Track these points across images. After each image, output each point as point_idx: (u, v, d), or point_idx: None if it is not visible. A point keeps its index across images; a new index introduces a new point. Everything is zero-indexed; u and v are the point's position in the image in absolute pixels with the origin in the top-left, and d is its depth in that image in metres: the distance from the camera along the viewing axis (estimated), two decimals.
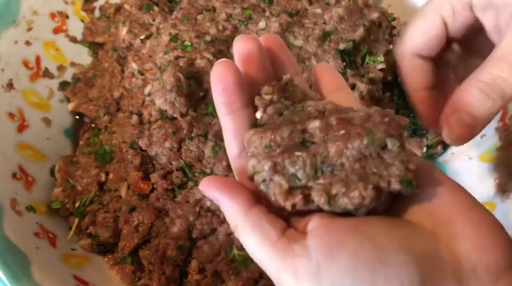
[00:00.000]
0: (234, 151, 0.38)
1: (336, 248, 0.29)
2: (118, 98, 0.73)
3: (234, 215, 0.33)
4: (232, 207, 0.34)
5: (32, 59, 0.72)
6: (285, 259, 0.31)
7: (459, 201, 0.32)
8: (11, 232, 0.55)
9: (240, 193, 0.34)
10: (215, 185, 0.35)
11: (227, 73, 0.36)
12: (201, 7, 0.76)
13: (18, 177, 0.62)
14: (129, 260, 0.60)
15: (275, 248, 0.31)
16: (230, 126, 0.37)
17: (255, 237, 0.32)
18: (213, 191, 0.35)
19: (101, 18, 0.81)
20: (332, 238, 0.30)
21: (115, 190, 0.65)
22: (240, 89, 0.36)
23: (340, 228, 0.30)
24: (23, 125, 0.67)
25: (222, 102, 0.36)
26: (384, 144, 0.32)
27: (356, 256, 0.29)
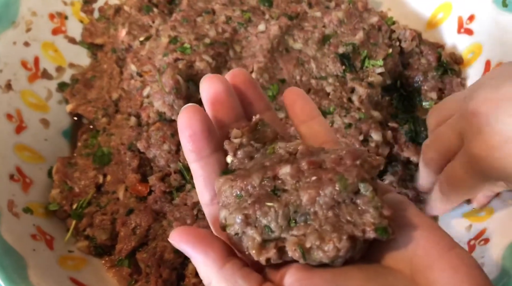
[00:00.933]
0: (206, 198, 0.37)
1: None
2: (117, 100, 0.73)
3: (208, 271, 0.32)
4: (205, 263, 0.32)
5: (31, 60, 0.72)
6: None
7: (437, 243, 0.32)
8: (8, 234, 0.54)
9: (213, 247, 0.33)
10: (186, 238, 0.33)
11: (194, 119, 0.34)
12: (200, 9, 0.76)
13: (15, 179, 0.62)
14: (126, 262, 0.60)
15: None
16: (200, 173, 0.36)
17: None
18: (184, 245, 0.33)
19: (100, 19, 0.81)
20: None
21: (113, 192, 0.65)
22: (207, 134, 0.35)
23: (317, 282, 0.30)
24: (21, 126, 0.67)
25: (190, 150, 0.35)
26: (357, 189, 0.32)
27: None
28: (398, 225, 0.32)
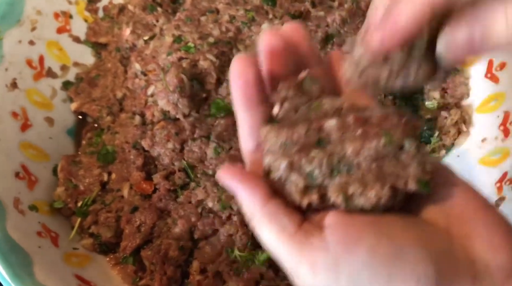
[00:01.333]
0: (249, 146, 0.37)
1: (354, 242, 0.30)
2: (121, 99, 0.73)
3: (252, 206, 0.33)
4: (250, 198, 0.33)
5: (36, 58, 0.72)
6: (303, 252, 0.30)
7: (473, 202, 0.33)
8: (14, 231, 0.55)
9: (258, 185, 0.33)
10: (233, 175, 0.34)
11: (247, 68, 0.36)
12: (204, 8, 0.76)
13: (21, 176, 0.62)
14: (130, 260, 0.61)
15: (293, 240, 0.31)
16: (246, 122, 0.37)
17: (272, 229, 0.32)
18: (231, 180, 0.34)
19: (104, 18, 0.81)
20: (350, 233, 0.30)
21: (118, 190, 0.65)
22: (259, 84, 0.36)
23: (358, 224, 0.31)
24: (26, 125, 0.67)
25: (240, 98, 0.36)
26: (402, 145, 0.32)
27: (374, 251, 0.29)
28: (437, 183, 0.33)
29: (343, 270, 0.29)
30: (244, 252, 0.58)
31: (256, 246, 0.60)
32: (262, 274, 0.58)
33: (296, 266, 0.31)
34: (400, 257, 0.29)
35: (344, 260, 0.29)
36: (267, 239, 0.33)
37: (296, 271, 0.31)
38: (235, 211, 0.59)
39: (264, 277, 0.58)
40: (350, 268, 0.29)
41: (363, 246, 0.29)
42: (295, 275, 0.31)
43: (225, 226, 0.60)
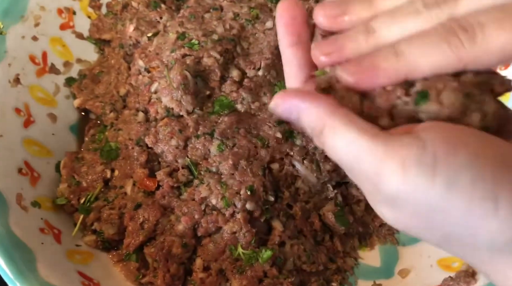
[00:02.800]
0: (298, 81, 0.36)
1: (457, 144, 0.27)
2: (125, 95, 0.73)
3: (319, 117, 0.31)
4: (317, 110, 0.31)
5: (39, 54, 0.72)
6: (390, 147, 0.28)
7: None
8: (17, 227, 0.55)
9: (322, 98, 0.32)
10: (292, 95, 0.33)
11: (295, 6, 0.36)
12: (208, 5, 0.76)
13: (24, 173, 0.62)
14: (133, 257, 0.60)
15: (376, 139, 0.28)
16: (295, 57, 0.36)
17: (349, 131, 0.29)
18: (292, 100, 0.32)
19: (108, 15, 0.81)
20: (453, 136, 0.27)
21: (121, 187, 0.65)
22: (304, 22, 0.36)
23: (461, 129, 0.28)
24: (29, 121, 0.67)
25: (288, 33, 0.36)
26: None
27: (479, 154, 0.27)
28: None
29: (440, 169, 0.26)
30: (248, 250, 0.58)
31: (259, 244, 0.59)
32: (265, 272, 0.58)
33: (380, 165, 0.28)
34: (507, 165, 0.27)
35: (443, 159, 0.26)
36: (342, 144, 0.30)
37: (380, 171, 0.28)
38: (238, 209, 0.59)
39: (268, 275, 0.58)
40: (450, 168, 0.26)
41: (467, 149, 0.27)
42: (378, 178, 0.28)
43: (229, 223, 0.59)
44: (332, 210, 0.64)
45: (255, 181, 0.60)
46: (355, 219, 0.66)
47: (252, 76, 0.68)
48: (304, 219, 0.63)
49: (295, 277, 0.59)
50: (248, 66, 0.69)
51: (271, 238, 0.60)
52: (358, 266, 0.66)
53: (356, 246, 0.68)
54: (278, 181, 0.64)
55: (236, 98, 0.66)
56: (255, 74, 0.68)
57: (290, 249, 0.60)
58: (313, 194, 0.65)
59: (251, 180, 0.60)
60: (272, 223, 0.61)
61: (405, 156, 0.27)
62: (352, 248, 0.67)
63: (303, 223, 0.63)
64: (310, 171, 0.64)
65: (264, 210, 0.61)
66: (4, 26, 0.66)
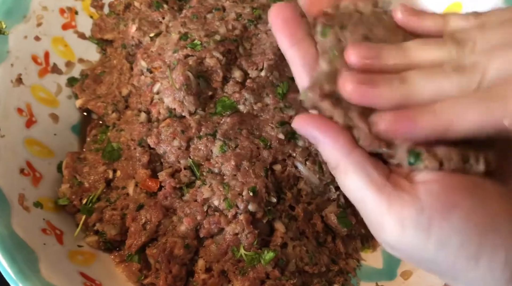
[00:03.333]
0: (305, 79, 0.37)
1: (450, 208, 0.30)
2: (127, 96, 0.73)
3: (335, 154, 0.33)
4: (334, 147, 0.33)
5: (41, 54, 0.72)
6: (392, 205, 0.31)
7: None
8: (19, 228, 0.54)
9: (342, 133, 0.33)
10: (314, 124, 0.34)
11: (285, 8, 0.37)
12: (210, 6, 0.76)
13: (26, 173, 0.62)
14: (135, 258, 0.60)
15: (381, 192, 0.31)
16: (297, 57, 0.37)
17: (359, 179, 0.32)
18: (312, 130, 0.34)
19: (110, 14, 0.81)
20: (447, 198, 0.30)
21: (123, 188, 0.65)
22: (300, 20, 0.37)
23: (456, 188, 0.31)
24: (31, 121, 0.67)
25: (284, 35, 0.37)
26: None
27: (468, 219, 0.30)
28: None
29: (434, 232, 0.30)
30: (250, 251, 0.58)
31: (262, 245, 0.59)
32: (267, 273, 0.58)
33: (382, 218, 0.31)
34: (493, 228, 0.30)
35: (437, 223, 0.30)
36: (351, 188, 0.33)
37: (382, 223, 0.31)
38: (241, 210, 0.59)
39: (270, 277, 0.58)
40: (442, 231, 0.30)
41: (459, 213, 0.30)
42: (380, 227, 0.32)
43: (231, 224, 0.59)
44: (335, 212, 0.64)
45: (258, 182, 0.60)
46: (357, 221, 0.66)
47: (255, 77, 0.68)
48: (306, 220, 0.63)
49: (297, 278, 0.59)
50: (251, 66, 0.69)
51: (273, 240, 0.60)
52: (361, 267, 0.66)
53: (358, 247, 0.68)
54: (281, 182, 0.64)
55: (239, 99, 0.66)
56: (258, 75, 0.68)
57: (293, 250, 0.60)
58: (316, 196, 0.65)
59: (253, 181, 0.60)
60: (275, 225, 0.61)
61: (404, 216, 0.30)
62: (355, 250, 0.67)
63: (306, 225, 0.63)
64: (312, 172, 0.64)
65: (266, 211, 0.60)
66: (6, 26, 0.66)
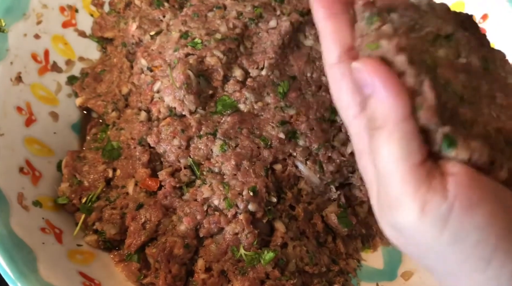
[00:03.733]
0: (333, 56, 0.36)
1: (475, 204, 0.29)
2: (127, 94, 0.73)
3: (389, 112, 0.30)
4: (392, 105, 0.30)
5: (41, 52, 0.72)
6: (419, 188, 0.29)
7: None
8: (18, 227, 0.54)
9: (404, 95, 0.30)
10: (380, 70, 0.31)
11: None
12: (211, 4, 0.75)
13: (25, 172, 0.62)
14: (135, 257, 0.60)
15: (414, 171, 0.30)
16: (329, 29, 0.36)
17: (400, 149, 0.30)
18: (375, 75, 0.31)
19: (110, 13, 0.80)
20: (474, 193, 0.29)
21: (123, 187, 0.64)
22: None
23: (484, 186, 0.30)
24: (30, 119, 0.67)
25: (321, 5, 0.36)
26: None
27: (490, 218, 0.29)
28: None
29: (453, 224, 0.29)
30: (250, 251, 0.58)
31: (262, 245, 0.59)
32: (267, 273, 0.57)
33: (404, 197, 0.30)
34: (510, 233, 0.29)
35: (458, 216, 0.29)
36: (388, 155, 0.30)
37: (401, 202, 0.30)
38: (240, 210, 0.59)
39: (270, 277, 0.57)
40: (461, 226, 0.29)
41: (482, 211, 0.29)
42: (397, 206, 0.30)
43: (231, 224, 0.59)
44: (335, 212, 0.64)
45: (258, 182, 0.60)
46: (358, 221, 0.66)
47: (255, 75, 0.68)
48: (306, 220, 0.63)
49: (297, 278, 0.58)
50: (251, 65, 0.68)
51: (274, 239, 0.60)
52: (361, 268, 0.66)
53: (359, 248, 0.67)
54: (281, 182, 0.63)
55: (239, 97, 0.66)
56: (258, 74, 0.68)
57: (293, 250, 0.60)
58: (316, 195, 0.65)
59: (253, 181, 0.60)
60: (275, 224, 0.61)
61: (427, 201, 0.29)
62: (355, 250, 0.67)
63: (306, 225, 0.63)
64: (313, 172, 0.64)
65: (266, 211, 0.60)
66: (6, 24, 0.65)
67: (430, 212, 0.29)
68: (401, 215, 0.30)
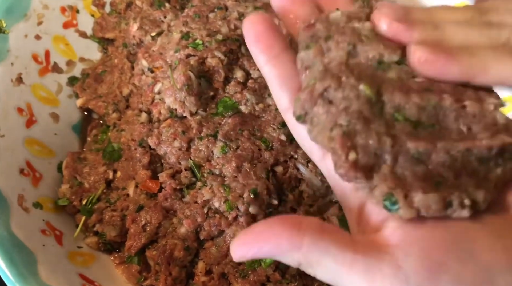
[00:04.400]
0: (284, 101, 0.34)
1: (437, 271, 0.26)
2: (128, 95, 0.72)
3: (289, 255, 0.29)
4: (281, 248, 0.28)
5: (42, 53, 0.72)
6: (373, 282, 0.27)
7: None
8: (18, 228, 0.54)
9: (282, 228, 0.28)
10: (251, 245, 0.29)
11: (257, 21, 0.34)
12: (213, 5, 0.75)
13: (25, 173, 0.61)
14: (135, 259, 0.60)
15: (356, 269, 0.27)
16: (274, 74, 0.34)
17: (327, 266, 0.28)
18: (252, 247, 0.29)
19: (111, 13, 0.80)
20: (432, 260, 0.26)
21: (123, 189, 0.64)
22: (274, 33, 0.34)
23: (439, 246, 0.27)
24: (31, 120, 0.67)
25: (259, 50, 0.34)
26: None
27: (460, 280, 0.26)
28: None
29: None
30: None
31: None
32: (268, 276, 0.57)
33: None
34: (489, 283, 0.26)
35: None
36: (327, 277, 0.28)
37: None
38: (241, 212, 0.59)
39: (270, 280, 0.57)
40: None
41: (448, 276, 0.26)
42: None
43: (232, 227, 0.59)
44: (336, 214, 0.63)
45: (259, 184, 0.60)
46: None
47: (257, 77, 0.68)
48: None
49: (298, 281, 0.58)
50: (253, 67, 0.68)
51: None
52: None
53: None
54: (282, 184, 0.63)
55: (240, 99, 0.66)
56: (260, 75, 0.68)
57: None
58: (317, 198, 0.65)
59: (254, 183, 0.60)
60: None
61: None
62: None
63: None
64: (314, 174, 0.63)
65: (267, 213, 0.60)
66: (7, 25, 0.65)
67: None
68: None
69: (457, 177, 0.28)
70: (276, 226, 0.29)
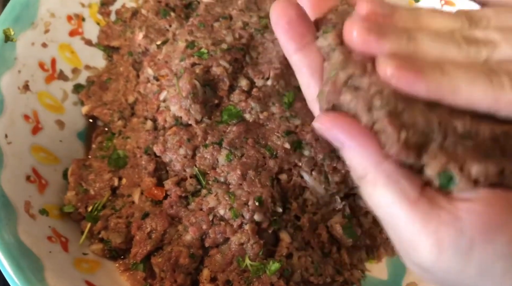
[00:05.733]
0: (313, 90, 0.34)
1: (495, 229, 0.27)
2: (133, 103, 0.73)
3: (364, 163, 0.29)
4: (363, 154, 0.29)
5: (48, 61, 0.72)
6: (428, 224, 0.27)
7: None
8: (25, 235, 0.54)
9: (372, 139, 0.29)
10: (340, 125, 0.30)
11: (289, 6, 0.33)
12: (218, 14, 0.76)
13: (31, 180, 0.62)
14: (140, 266, 0.60)
15: (415, 208, 0.28)
16: (304, 63, 0.33)
17: (390, 193, 0.28)
18: (337, 132, 0.30)
19: (117, 22, 0.81)
20: (492, 218, 0.27)
21: (128, 196, 0.65)
22: (307, 20, 0.33)
23: (501, 207, 0.27)
24: (37, 127, 0.67)
25: (290, 37, 0.33)
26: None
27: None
28: None
29: (476, 256, 0.27)
30: (255, 261, 0.58)
31: (267, 256, 0.59)
32: (273, 284, 0.57)
33: (416, 238, 0.28)
34: None
35: (480, 246, 0.27)
36: (381, 202, 0.29)
37: (415, 243, 0.28)
38: (246, 220, 0.59)
39: None
40: (485, 256, 0.27)
41: (504, 234, 0.27)
42: (412, 248, 0.28)
43: (237, 234, 0.59)
44: (340, 222, 0.64)
45: (263, 192, 0.60)
46: (362, 232, 0.66)
47: (261, 85, 0.68)
48: (311, 230, 0.63)
49: None
50: (257, 75, 0.69)
51: (279, 250, 0.60)
52: (365, 278, 0.66)
53: (363, 258, 0.68)
54: (286, 192, 0.64)
55: (245, 107, 0.66)
56: (264, 84, 0.68)
57: (298, 261, 0.60)
58: (321, 206, 0.65)
59: (259, 190, 0.60)
60: (280, 235, 0.61)
61: (441, 237, 0.27)
62: (359, 261, 0.67)
63: (311, 235, 0.63)
64: (318, 182, 0.64)
65: (272, 221, 0.60)
66: (15, 33, 0.66)
67: (448, 248, 0.27)
68: (419, 257, 0.28)
69: (503, 154, 0.28)
70: (369, 134, 0.29)
